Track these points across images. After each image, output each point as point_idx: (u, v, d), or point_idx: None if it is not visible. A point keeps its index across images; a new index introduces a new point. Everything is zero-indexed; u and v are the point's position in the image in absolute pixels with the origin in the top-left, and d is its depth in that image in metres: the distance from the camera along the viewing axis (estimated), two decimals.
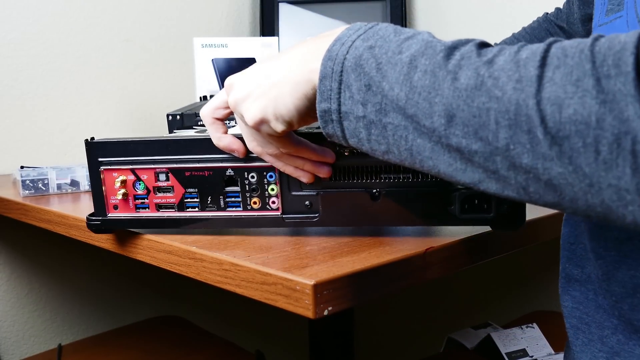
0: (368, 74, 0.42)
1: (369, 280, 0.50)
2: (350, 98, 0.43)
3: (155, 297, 1.43)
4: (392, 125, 0.42)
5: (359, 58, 0.43)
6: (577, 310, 0.57)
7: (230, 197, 0.59)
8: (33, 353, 1.23)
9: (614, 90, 0.33)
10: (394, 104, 0.41)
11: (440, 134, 0.39)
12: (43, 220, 0.81)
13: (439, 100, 0.39)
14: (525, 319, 1.15)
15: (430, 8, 1.59)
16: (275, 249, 0.55)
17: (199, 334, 1.16)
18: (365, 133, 0.44)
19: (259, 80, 0.50)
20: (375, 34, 0.44)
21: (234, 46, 1.11)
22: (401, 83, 0.41)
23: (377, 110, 0.42)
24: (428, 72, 0.40)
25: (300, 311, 0.47)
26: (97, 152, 0.59)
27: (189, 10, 1.46)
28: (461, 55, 0.39)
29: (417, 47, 0.41)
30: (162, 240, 0.60)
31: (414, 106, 0.40)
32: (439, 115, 0.39)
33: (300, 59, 0.48)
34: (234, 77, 0.52)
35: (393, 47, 0.42)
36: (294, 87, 0.47)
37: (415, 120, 0.41)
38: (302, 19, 1.55)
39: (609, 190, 0.34)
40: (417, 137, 0.41)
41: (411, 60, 0.41)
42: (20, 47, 1.21)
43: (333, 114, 0.45)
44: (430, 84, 0.40)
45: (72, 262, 1.29)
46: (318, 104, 0.45)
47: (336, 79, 0.44)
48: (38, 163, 1.18)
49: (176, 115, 0.79)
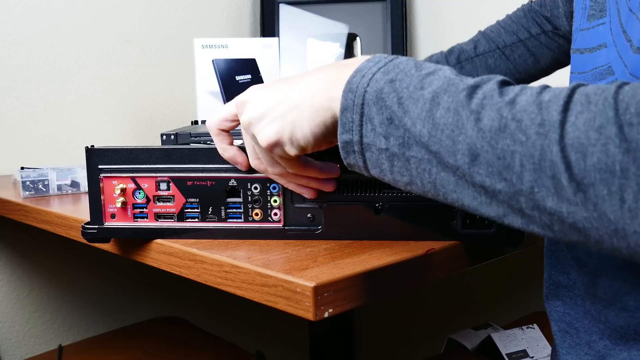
0: (390, 107, 0.42)
1: (370, 282, 0.50)
2: (372, 131, 0.43)
3: (156, 298, 1.43)
4: (415, 159, 0.42)
5: (380, 91, 0.43)
6: (568, 315, 0.57)
7: (232, 208, 0.58)
8: (33, 354, 1.23)
9: (637, 138, 0.33)
10: (417, 139, 0.41)
11: (465, 172, 0.40)
12: (43, 221, 0.81)
13: (462, 139, 0.39)
14: (526, 320, 1.15)
15: (430, 9, 1.59)
16: (276, 251, 0.55)
17: (200, 335, 1.16)
18: (387, 165, 0.44)
19: (276, 101, 0.49)
20: (396, 67, 0.44)
21: (234, 47, 1.11)
22: (424, 119, 0.41)
23: (400, 144, 0.42)
24: (451, 109, 0.40)
25: (300, 313, 0.47)
26: (97, 159, 0.58)
27: (189, 11, 1.46)
28: (483, 94, 0.39)
29: (439, 83, 0.41)
30: (163, 242, 0.60)
31: (437, 143, 0.40)
32: (462, 154, 0.39)
33: (321, 86, 0.47)
34: (248, 95, 0.52)
35: (415, 82, 0.42)
36: (313, 114, 0.47)
37: (438, 156, 0.41)
38: (303, 19, 1.55)
39: (634, 237, 0.34)
40: (441, 170, 0.41)
41: (433, 97, 0.41)
42: (21, 48, 1.21)
43: (355, 146, 0.45)
44: (453, 122, 0.40)
45: (73, 263, 1.29)
46: (339, 135, 0.45)
47: (357, 111, 0.44)
48: (38, 164, 1.18)
49: (170, 135, 0.80)
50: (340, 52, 1.54)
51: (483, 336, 1.10)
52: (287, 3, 1.54)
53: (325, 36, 1.55)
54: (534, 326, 1.09)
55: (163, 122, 1.42)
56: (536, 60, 0.92)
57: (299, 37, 1.54)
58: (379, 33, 1.54)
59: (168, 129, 1.41)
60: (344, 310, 0.48)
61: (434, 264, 0.56)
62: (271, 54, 1.13)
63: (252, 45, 1.12)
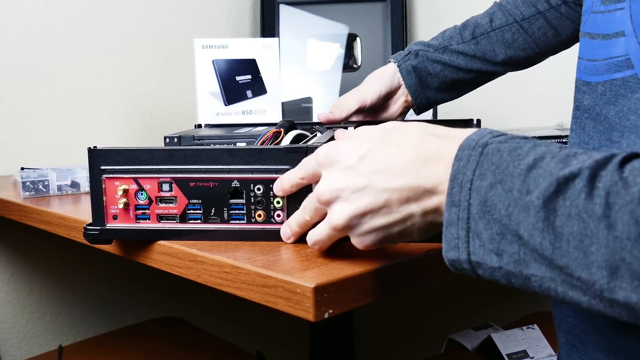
0: (499, 221, 0.39)
1: (370, 283, 0.50)
2: (481, 247, 0.40)
3: (156, 298, 1.43)
4: (536, 277, 0.38)
5: (484, 204, 0.39)
6: (578, 329, 0.55)
7: (235, 209, 0.58)
8: (33, 354, 1.23)
9: None
10: (536, 254, 0.37)
11: (603, 287, 0.35)
12: (43, 221, 0.81)
13: (595, 249, 0.34)
14: (526, 320, 1.15)
15: (430, 9, 1.59)
16: (276, 252, 0.55)
17: (200, 335, 1.16)
18: (504, 281, 0.40)
19: (375, 206, 0.46)
20: (489, 162, 0.40)
21: (234, 47, 1.11)
22: (541, 230, 0.36)
23: (516, 262, 0.38)
24: (573, 216, 0.35)
25: (300, 314, 0.47)
26: (100, 160, 0.58)
27: (189, 12, 1.46)
28: (606, 191, 0.35)
29: (546, 184, 0.37)
30: (163, 242, 0.60)
31: (565, 256, 0.36)
32: (598, 267, 0.34)
33: (414, 170, 0.44)
34: (331, 155, 0.48)
35: (517, 184, 0.38)
36: (424, 226, 0.46)
37: (565, 272, 0.36)
38: (303, 20, 1.55)
39: None
40: (568, 290, 0.37)
41: (545, 202, 0.36)
42: (21, 48, 1.21)
43: (464, 264, 0.42)
44: (579, 230, 0.35)
45: (73, 264, 1.29)
46: (445, 252, 0.42)
47: (463, 226, 0.41)
48: (38, 164, 1.18)
49: (174, 138, 0.79)
50: (340, 52, 1.55)
51: (483, 336, 1.10)
52: (287, 3, 1.54)
53: (325, 36, 1.55)
54: (534, 326, 1.09)
55: (163, 122, 1.42)
56: (557, 32, 0.87)
57: (299, 37, 1.54)
58: (379, 33, 1.54)
59: (168, 129, 1.42)
60: (344, 311, 0.48)
61: (433, 264, 0.56)
62: (271, 54, 1.13)
63: (252, 45, 1.12)
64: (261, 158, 0.56)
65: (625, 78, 0.52)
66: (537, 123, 1.35)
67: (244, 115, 1.12)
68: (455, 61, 0.88)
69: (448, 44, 0.88)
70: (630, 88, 0.52)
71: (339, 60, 1.55)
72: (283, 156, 0.56)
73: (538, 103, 1.41)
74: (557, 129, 1.06)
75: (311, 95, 1.42)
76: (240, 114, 1.11)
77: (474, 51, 0.88)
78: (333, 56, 1.55)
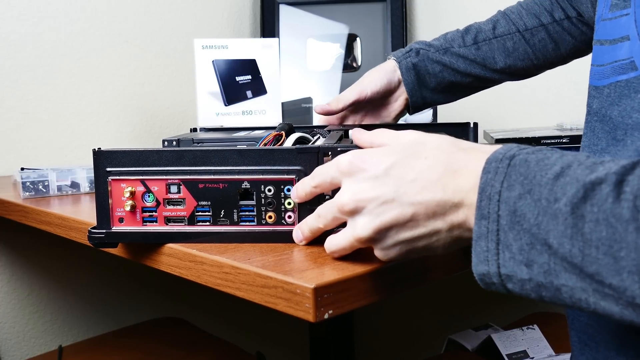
0: (528, 230, 0.38)
1: (370, 284, 0.50)
2: (511, 259, 0.40)
3: (156, 299, 1.43)
4: (566, 288, 0.38)
5: (513, 214, 0.39)
6: (590, 328, 0.55)
7: (245, 211, 0.57)
8: (33, 355, 1.23)
9: None
10: (566, 262, 0.37)
11: (635, 294, 0.34)
12: (43, 222, 0.81)
13: (625, 254, 0.34)
14: (526, 320, 1.15)
15: (430, 9, 1.59)
16: (276, 252, 0.55)
17: (200, 336, 1.16)
18: (535, 295, 0.40)
19: (399, 220, 0.45)
20: (517, 173, 0.40)
21: (234, 47, 1.11)
22: (570, 237, 0.36)
23: (546, 272, 0.38)
24: (601, 221, 0.35)
25: (300, 315, 0.47)
26: (105, 162, 0.57)
27: (189, 12, 1.46)
28: (633, 195, 0.34)
29: (573, 191, 0.37)
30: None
31: (594, 263, 0.35)
32: (629, 272, 0.34)
33: (441, 185, 0.44)
34: (355, 164, 0.47)
35: (545, 193, 0.38)
36: (450, 242, 0.46)
37: (596, 280, 0.36)
38: (303, 20, 1.55)
39: None
40: (600, 299, 0.36)
41: (573, 209, 0.36)
42: (21, 48, 1.21)
43: (493, 277, 0.41)
44: (608, 235, 0.35)
45: (73, 264, 1.29)
46: (474, 266, 0.42)
47: (492, 238, 0.40)
48: (38, 165, 1.18)
49: (172, 141, 0.79)
50: (340, 52, 1.55)
51: (483, 337, 1.10)
52: (287, 3, 1.54)
53: (325, 36, 1.55)
54: (534, 327, 1.09)
55: (163, 122, 1.42)
56: (557, 46, 0.88)
57: (299, 37, 1.54)
58: (379, 33, 1.54)
59: (168, 129, 1.42)
60: (344, 312, 0.48)
61: (433, 264, 0.56)
62: (271, 54, 1.13)
63: (252, 45, 1.12)
64: (272, 159, 0.56)
65: (629, 80, 0.53)
66: (537, 123, 1.35)
67: (244, 115, 1.12)
68: (455, 64, 0.88)
69: (449, 46, 0.89)
70: (634, 88, 0.52)
71: (339, 61, 1.55)
72: (294, 157, 0.55)
73: (538, 103, 1.41)
74: (557, 129, 1.06)
75: (311, 95, 1.42)
76: (240, 114, 1.11)
77: (474, 56, 0.88)
78: (333, 56, 1.55)
